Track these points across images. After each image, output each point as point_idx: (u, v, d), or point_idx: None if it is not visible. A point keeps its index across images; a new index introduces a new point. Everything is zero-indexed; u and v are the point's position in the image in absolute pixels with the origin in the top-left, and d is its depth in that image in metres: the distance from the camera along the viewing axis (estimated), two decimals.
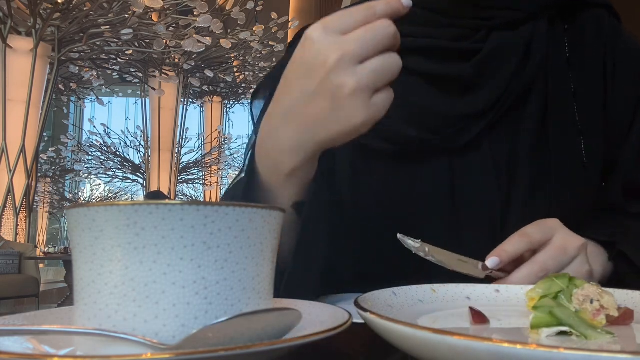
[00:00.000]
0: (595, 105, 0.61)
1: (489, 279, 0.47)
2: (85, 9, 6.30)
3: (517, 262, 0.47)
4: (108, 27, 6.56)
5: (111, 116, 18.14)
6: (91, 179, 13.07)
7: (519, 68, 0.57)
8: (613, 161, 0.63)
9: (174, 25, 6.77)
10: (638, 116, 0.62)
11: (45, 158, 12.22)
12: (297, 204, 0.48)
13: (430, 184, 0.58)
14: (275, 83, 0.48)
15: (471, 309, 0.35)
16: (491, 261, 0.45)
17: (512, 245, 0.46)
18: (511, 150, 0.58)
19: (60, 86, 8.87)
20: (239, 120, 15.49)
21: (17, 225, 6.44)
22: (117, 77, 9.26)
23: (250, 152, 0.51)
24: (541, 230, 0.48)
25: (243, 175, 0.54)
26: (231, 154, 12.92)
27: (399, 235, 0.47)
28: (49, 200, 14.02)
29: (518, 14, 0.58)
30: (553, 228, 0.48)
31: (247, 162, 0.59)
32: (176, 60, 8.45)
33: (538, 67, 0.58)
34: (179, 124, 9.69)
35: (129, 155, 11.47)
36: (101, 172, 11.76)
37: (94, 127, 11.21)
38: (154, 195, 5.71)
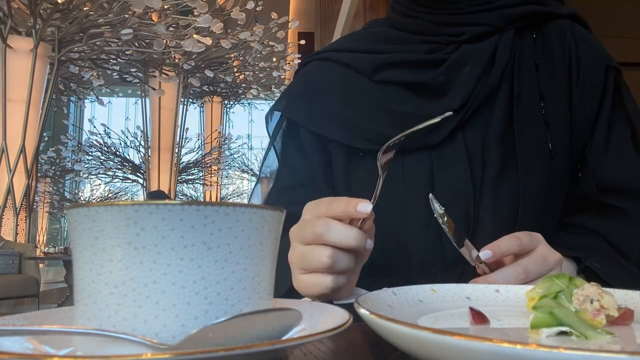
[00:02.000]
0: (561, 102, 0.68)
1: (474, 271, 0.51)
2: (85, 9, 6.30)
3: (499, 264, 0.51)
4: (108, 27, 6.56)
5: (111, 116, 18.15)
6: (91, 179, 13.03)
7: (484, 72, 0.66)
8: (583, 154, 0.69)
9: (174, 25, 6.76)
10: (601, 113, 0.68)
11: (45, 158, 12.22)
12: None
13: (413, 176, 0.66)
14: (285, 101, 0.74)
15: (471, 309, 0.35)
16: (484, 254, 0.49)
17: (505, 243, 0.50)
18: (483, 142, 0.66)
19: (60, 86, 8.87)
20: (239, 120, 15.49)
21: (17, 225, 6.43)
22: (117, 77, 9.24)
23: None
24: (529, 237, 0.51)
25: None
26: (231, 154, 12.91)
27: (430, 195, 0.53)
28: (49, 200, 14.01)
29: (485, 29, 0.67)
30: (538, 240, 0.52)
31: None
32: (176, 60, 8.45)
33: (503, 71, 0.66)
34: (179, 124, 9.69)
35: (129, 155, 11.46)
36: (101, 172, 11.74)
37: (94, 127, 11.20)
38: (156, 195, 5.69)
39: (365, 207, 0.47)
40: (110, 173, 11.62)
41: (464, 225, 0.64)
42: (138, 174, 11.36)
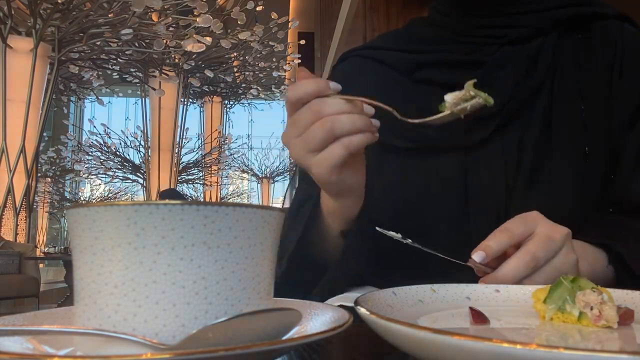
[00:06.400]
0: (601, 104, 0.66)
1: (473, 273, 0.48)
2: (85, 9, 6.29)
3: (500, 258, 0.48)
4: (108, 27, 6.55)
5: (111, 116, 18.12)
6: (91, 179, 13.03)
7: (524, 76, 0.65)
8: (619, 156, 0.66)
9: (174, 25, 6.76)
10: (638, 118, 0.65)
11: (45, 158, 12.22)
12: (342, 232, 0.61)
13: (445, 176, 0.65)
14: None
15: (471, 309, 0.35)
16: (478, 255, 0.47)
17: (495, 241, 0.48)
18: (520, 143, 0.65)
19: (60, 86, 8.87)
20: (239, 120, 15.47)
21: (17, 225, 6.43)
22: (117, 77, 9.25)
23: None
24: (522, 223, 0.49)
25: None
26: (231, 154, 12.91)
27: (377, 228, 0.50)
28: (49, 200, 14.01)
29: (529, 31, 0.66)
30: (535, 220, 0.50)
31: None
32: (176, 60, 8.45)
33: (544, 73, 0.65)
34: (179, 124, 9.68)
35: (129, 155, 11.44)
36: (101, 172, 11.73)
37: (94, 127, 11.19)
38: (170, 194, 5.54)
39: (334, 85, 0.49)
40: (110, 173, 11.61)
41: (493, 224, 0.62)
42: (138, 174, 11.35)
